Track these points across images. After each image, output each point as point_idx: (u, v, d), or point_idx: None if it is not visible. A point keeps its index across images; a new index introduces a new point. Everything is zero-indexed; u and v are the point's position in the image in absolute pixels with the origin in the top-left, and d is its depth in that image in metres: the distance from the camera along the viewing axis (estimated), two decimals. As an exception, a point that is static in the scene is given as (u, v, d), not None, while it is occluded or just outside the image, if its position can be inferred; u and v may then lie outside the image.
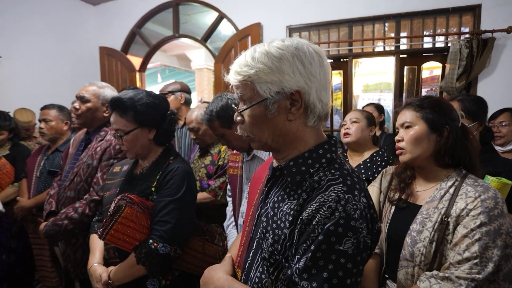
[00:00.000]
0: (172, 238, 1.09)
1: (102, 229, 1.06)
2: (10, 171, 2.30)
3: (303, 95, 0.63)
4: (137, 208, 1.08)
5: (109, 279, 1.13)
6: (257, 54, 0.64)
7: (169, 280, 1.17)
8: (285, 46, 0.64)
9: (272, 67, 0.62)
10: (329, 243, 0.56)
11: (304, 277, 0.57)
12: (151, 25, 3.92)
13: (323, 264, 0.56)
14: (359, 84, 5.23)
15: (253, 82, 0.64)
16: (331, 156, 0.67)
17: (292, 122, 0.66)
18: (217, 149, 1.83)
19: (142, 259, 1.06)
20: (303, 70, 0.63)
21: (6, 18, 3.17)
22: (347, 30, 2.96)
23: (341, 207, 0.57)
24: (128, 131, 1.16)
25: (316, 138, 0.69)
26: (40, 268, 2.18)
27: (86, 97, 1.60)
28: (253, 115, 0.66)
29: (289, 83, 0.62)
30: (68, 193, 1.54)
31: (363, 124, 1.71)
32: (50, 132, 2.10)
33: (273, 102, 0.64)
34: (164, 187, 1.14)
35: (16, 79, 3.25)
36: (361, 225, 0.58)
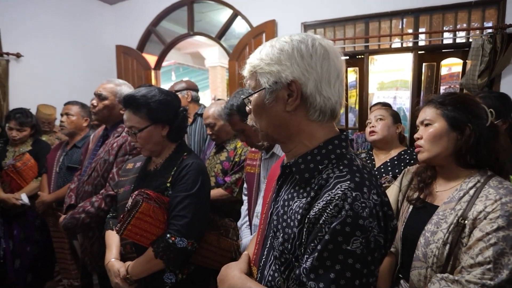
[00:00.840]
0: (189, 232, 1.10)
1: (120, 224, 1.08)
2: (34, 166, 2.38)
3: (299, 86, 0.63)
4: (154, 204, 1.09)
5: (127, 274, 1.15)
6: (265, 47, 0.67)
7: (185, 274, 1.19)
8: (291, 39, 0.66)
9: (273, 58, 0.65)
10: (336, 242, 0.55)
11: (311, 277, 0.56)
12: (166, 23, 3.96)
13: (330, 264, 0.55)
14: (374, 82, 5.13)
15: (257, 73, 0.67)
16: (340, 152, 0.66)
17: (291, 113, 0.66)
18: (233, 146, 1.83)
19: (160, 253, 1.08)
20: (301, 61, 0.64)
21: (28, 19, 3.27)
22: (363, 27, 2.91)
23: (348, 205, 0.56)
24: (142, 128, 1.18)
25: (326, 133, 0.68)
26: (60, 260, 2.26)
27: (103, 94, 1.63)
28: (254, 103, 0.69)
29: (286, 73, 0.64)
30: (86, 187, 1.59)
31: (389, 121, 1.66)
32: (70, 126, 2.16)
33: (271, 92, 0.65)
34: (180, 182, 1.16)
35: (38, 77, 3.35)
36: (371, 223, 0.56)
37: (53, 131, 3.00)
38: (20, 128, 2.38)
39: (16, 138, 2.39)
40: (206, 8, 3.73)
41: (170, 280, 1.17)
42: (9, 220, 2.42)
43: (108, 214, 1.40)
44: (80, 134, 2.22)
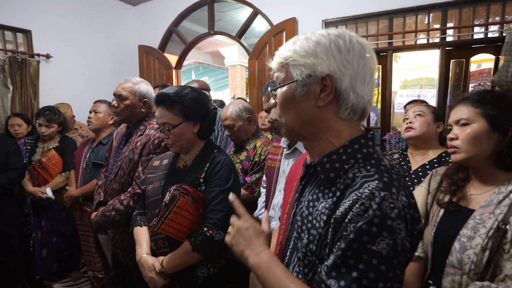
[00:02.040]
0: (225, 225, 1.10)
1: (157, 219, 1.10)
2: (59, 162, 2.48)
3: (334, 80, 0.61)
4: (190, 198, 1.12)
5: (162, 268, 1.16)
6: (298, 39, 0.65)
7: (217, 268, 1.22)
8: (327, 32, 0.64)
9: (308, 50, 0.62)
10: (361, 242, 0.53)
11: (333, 275, 0.55)
12: (186, 23, 4.01)
13: (353, 263, 0.53)
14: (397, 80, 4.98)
15: (288, 65, 0.65)
16: (367, 151, 0.63)
17: (322, 109, 0.63)
18: (252, 145, 1.83)
19: (198, 247, 1.11)
20: (338, 56, 0.61)
21: (57, 21, 3.41)
22: (386, 23, 2.82)
23: (375, 205, 0.53)
24: (175, 124, 1.20)
25: (352, 132, 0.66)
26: (86, 252, 2.35)
27: (123, 95, 1.64)
28: (282, 96, 0.67)
29: (321, 67, 0.61)
30: (113, 185, 1.63)
31: (430, 118, 1.50)
32: (97, 123, 2.24)
33: (303, 85, 0.63)
34: (214, 178, 1.18)
35: (65, 77, 3.50)
36: (399, 225, 0.54)
37: (74, 128, 3.10)
38: (48, 125, 2.49)
39: (44, 134, 2.50)
40: (226, 7, 3.75)
41: (202, 274, 1.19)
42: (38, 212, 2.55)
43: (135, 211, 1.42)
44: (106, 131, 2.29)
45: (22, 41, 3.20)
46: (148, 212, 1.29)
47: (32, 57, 3.18)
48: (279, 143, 1.54)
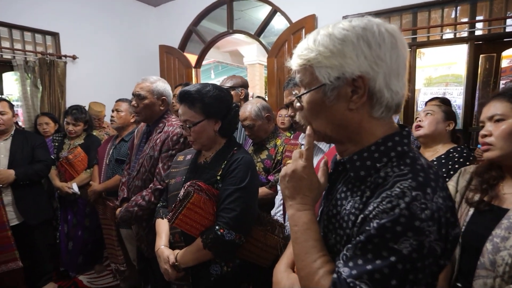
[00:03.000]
0: (237, 225, 1.11)
1: (171, 213, 1.11)
2: (84, 159, 2.58)
3: (367, 81, 0.56)
4: (204, 195, 1.11)
5: (176, 261, 1.18)
6: (319, 36, 0.59)
7: (230, 267, 1.20)
8: (351, 26, 0.57)
9: (333, 50, 0.56)
10: (383, 238, 0.50)
11: (349, 265, 0.53)
12: (206, 22, 4.06)
13: (371, 257, 0.51)
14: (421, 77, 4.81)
15: (312, 67, 0.59)
16: (402, 150, 0.59)
17: (353, 111, 0.59)
18: (272, 143, 1.82)
19: (209, 244, 1.10)
20: (369, 53, 0.55)
21: (83, 24, 3.55)
22: (410, 18, 2.73)
23: (404, 204, 0.50)
24: (196, 122, 1.20)
25: (385, 129, 0.61)
26: (108, 246, 2.42)
27: (142, 94, 1.66)
28: (310, 101, 0.61)
29: (351, 68, 0.56)
30: (136, 182, 1.67)
31: (439, 117, 1.53)
32: (119, 121, 2.30)
33: (332, 89, 0.58)
34: (230, 176, 1.16)
35: (90, 77, 3.63)
36: (430, 227, 0.50)
37: (102, 127, 3.22)
38: (75, 123, 2.60)
39: (71, 132, 2.61)
40: (245, 6, 3.76)
41: (216, 272, 1.18)
42: (65, 206, 2.66)
43: (159, 204, 1.45)
44: (128, 129, 2.35)
45: (50, 43, 3.35)
46: (169, 206, 1.31)
47: (59, 58, 3.32)
48: (296, 140, 1.52)
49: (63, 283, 2.64)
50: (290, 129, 2.57)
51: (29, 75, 3.09)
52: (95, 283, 2.66)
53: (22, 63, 3.02)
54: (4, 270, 2.21)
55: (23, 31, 3.11)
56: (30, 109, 3.11)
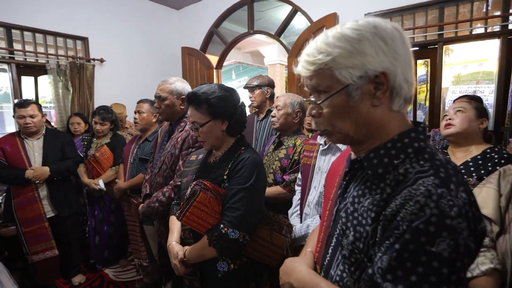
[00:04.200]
0: (241, 224, 1.13)
1: (179, 211, 1.15)
2: (110, 157, 2.70)
3: (388, 76, 0.57)
4: (210, 194, 1.14)
5: (185, 257, 1.23)
6: (330, 38, 0.59)
7: (237, 265, 1.22)
8: (361, 25, 0.58)
9: (352, 50, 0.57)
10: (418, 243, 0.49)
11: (388, 278, 0.51)
12: (227, 24, 4.11)
13: (411, 266, 0.49)
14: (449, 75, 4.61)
15: (332, 69, 0.59)
16: (419, 146, 0.59)
17: (377, 108, 0.60)
18: (291, 142, 1.81)
19: (214, 242, 1.12)
20: (386, 48, 0.57)
21: (110, 28, 3.71)
22: (436, 13, 2.62)
23: (432, 203, 0.49)
24: (203, 123, 1.23)
25: (400, 125, 0.62)
26: (133, 242, 2.51)
27: (162, 96, 1.74)
28: (334, 105, 0.61)
29: (373, 65, 0.57)
30: (158, 179, 1.73)
31: (471, 114, 1.42)
32: (142, 122, 2.38)
33: (356, 88, 0.58)
34: (235, 175, 1.18)
35: (116, 78, 3.78)
36: (460, 224, 0.49)
37: (125, 127, 3.35)
38: (102, 123, 2.72)
39: (99, 131, 2.74)
40: (265, 6, 3.77)
41: (223, 269, 1.21)
42: (92, 202, 2.80)
43: (174, 201, 1.50)
44: (151, 129, 2.43)
45: (80, 48, 3.53)
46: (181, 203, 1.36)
47: (88, 61, 3.48)
48: (315, 140, 1.51)
49: (91, 275, 2.77)
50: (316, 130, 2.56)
51: (61, 78, 3.27)
52: (120, 276, 2.77)
53: (55, 67, 3.20)
54: (42, 258, 2.39)
55: (56, 36, 3.29)
56: (62, 110, 3.29)
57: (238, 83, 8.13)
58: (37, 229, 2.36)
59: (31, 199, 2.35)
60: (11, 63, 3.01)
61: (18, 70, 3.08)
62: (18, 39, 3.05)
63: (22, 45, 3.07)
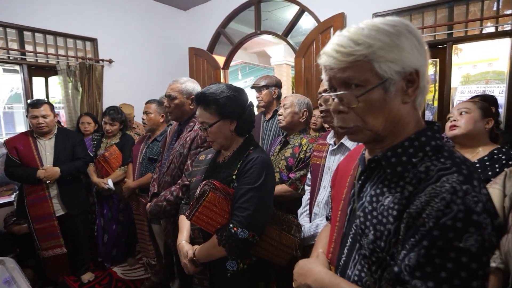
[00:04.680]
0: (250, 224, 1.13)
1: (189, 211, 1.16)
2: (119, 157, 2.73)
3: (420, 74, 0.59)
4: (220, 194, 1.14)
5: (194, 256, 1.23)
6: (367, 31, 0.58)
7: (247, 264, 1.23)
8: (396, 21, 0.59)
9: (392, 44, 0.57)
10: (446, 239, 0.49)
11: (417, 275, 0.51)
12: (234, 24, 4.12)
13: (440, 262, 0.49)
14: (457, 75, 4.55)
15: (371, 62, 0.57)
16: (436, 144, 0.60)
17: (405, 105, 0.61)
18: (297, 141, 1.82)
19: (223, 241, 1.13)
20: (419, 46, 0.58)
21: (118, 29, 3.75)
22: (446, 12, 2.59)
23: (459, 200, 0.50)
24: (212, 123, 1.24)
25: (416, 123, 0.63)
26: (141, 240, 2.54)
27: (172, 95, 1.76)
28: (370, 99, 0.59)
29: (410, 61, 0.58)
30: (166, 178, 1.74)
31: (476, 114, 1.41)
32: (150, 123, 2.41)
33: (393, 83, 0.58)
34: (244, 175, 1.18)
35: (124, 79, 3.82)
36: (485, 220, 0.50)
37: (133, 127, 3.38)
38: (112, 123, 2.76)
39: (109, 131, 2.78)
40: (272, 6, 3.77)
41: (232, 268, 1.21)
42: (101, 201, 2.83)
43: (183, 201, 1.51)
44: (159, 129, 2.45)
45: (89, 49, 3.57)
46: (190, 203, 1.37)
47: (97, 62, 3.53)
48: (324, 140, 1.51)
49: (99, 273, 2.81)
50: (321, 130, 2.56)
51: (71, 79, 3.32)
52: (128, 275, 2.81)
53: (65, 68, 3.25)
54: (51, 255, 2.45)
55: (66, 38, 3.34)
56: (72, 110, 3.33)
57: (244, 84, 8.14)
58: (47, 226, 2.41)
59: (41, 198, 2.40)
60: (23, 64, 3.06)
61: (30, 71, 3.13)
62: (29, 41, 3.10)
63: (33, 46, 3.12)
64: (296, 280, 0.76)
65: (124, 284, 2.64)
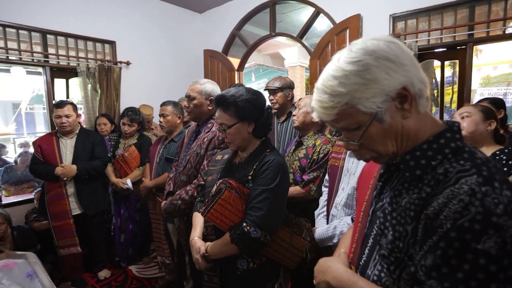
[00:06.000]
0: (263, 224, 1.15)
1: (204, 207, 1.19)
2: (137, 157, 2.78)
3: (408, 88, 0.59)
4: (235, 193, 1.17)
5: (206, 252, 1.26)
6: (337, 79, 0.60)
7: (256, 264, 1.25)
8: (359, 55, 0.59)
9: (364, 82, 0.58)
10: (463, 240, 0.49)
11: (433, 276, 0.51)
12: (248, 26, 4.15)
13: (456, 263, 0.49)
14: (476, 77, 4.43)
15: (354, 106, 0.60)
16: (456, 145, 0.59)
17: (408, 118, 0.61)
18: (311, 142, 1.81)
19: (236, 239, 1.15)
20: (394, 66, 0.58)
21: (135, 32, 3.83)
22: (467, 12, 2.53)
23: (477, 202, 0.49)
24: (231, 125, 1.27)
25: (431, 125, 0.63)
26: (156, 239, 2.58)
27: (191, 95, 1.80)
28: (370, 136, 0.62)
29: (391, 86, 0.58)
30: (182, 177, 1.77)
31: (478, 117, 1.47)
32: (167, 125, 2.44)
33: (384, 112, 0.60)
34: (260, 176, 1.21)
35: (141, 81, 3.90)
36: (507, 222, 0.49)
37: (151, 128, 3.44)
38: (130, 124, 2.82)
39: (127, 132, 2.83)
40: (287, 8, 3.78)
41: (242, 267, 1.24)
42: (118, 201, 2.89)
43: (197, 199, 1.55)
44: (176, 130, 2.48)
45: (108, 51, 3.66)
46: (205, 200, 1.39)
47: (115, 64, 3.61)
48: None
49: (115, 271, 2.87)
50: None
51: (90, 80, 3.42)
52: (143, 273, 2.85)
53: (85, 70, 3.35)
54: (66, 254, 2.51)
55: (86, 41, 3.44)
56: (90, 111, 3.42)
57: (258, 85, 8.17)
58: (64, 224, 2.49)
59: (59, 195, 2.48)
60: (46, 66, 3.17)
61: (52, 72, 3.24)
62: (52, 44, 3.21)
63: (55, 49, 3.23)
64: (316, 276, 0.77)
65: (139, 282, 2.69)
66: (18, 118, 7.38)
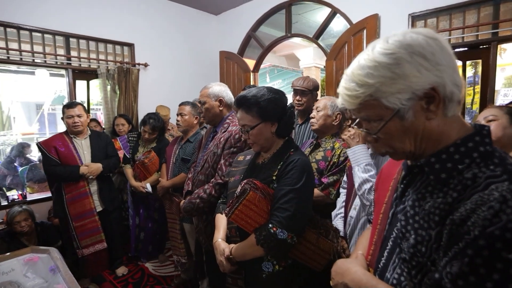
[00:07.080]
0: (290, 225, 1.12)
1: (228, 208, 1.18)
2: (156, 161, 2.82)
3: (438, 89, 0.56)
4: (260, 194, 1.15)
5: (231, 254, 1.24)
6: (367, 69, 0.59)
7: (282, 267, 1.21)
8: (394, 47, 0.57)
9: (393, 76, 0.56)
10: (494, 249, 0.47)
11: (459, 284, 0.50)
12: (264, 28, 4.15)
13: (485, 272, 0.47)
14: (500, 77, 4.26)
15: (378, 99, 0.59)
16: (485, 150, 0.57)
17: (432, 120, 0.59)
18: (329, 145, 1.79)
19: (262, 241, 1.13)
20: (428, 64, 0.56)
21: (153, 34, 3.92)
22: (490, 10, 2.45)
23: (509, 209, 0.47)
24: (254, 126, 1.25)
25: (459, 128, 0.60)
26: (172, 239, 2.62)
27: (202, 100, 1.85)
28: (389, 131, 0.61)
29: (419, 84, 0.56)
30: (200, 176, 1.80)
31: (504, 121, 1.37)
32: (184, 124, 2.47)
33: (408, 110, 0.58)
34: (285, 176, 1.18)
35: (159, 82, 3.98)
36: None
37: (167, 129, 3.49)
38: (152, 132, 2.85)
39: (147, 139, 2.87)
40: (303, 9, 3.76)
41: (267, 269, 1.20)
42: (137, 201, 2.95)
43: (219, 200, 1.54)
44: (192, 131, 2.51)
45: (127, 53, 3.76)
46: (228, 202, 1.38)
47: (134, 66, 3.70)
48: None
49: (131, 267, 2.93)
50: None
51: (109, 82, 3.51)
52: (159, 271, 2.90)
53: (105, 71, 3.44)
54: (92, 252, 2.55)
55: (106, 43, 3.55)
56: (109, 111, 3.52)
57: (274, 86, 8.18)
58: (88, 223, 2.52)
59: (82, 194, 2.51)
60: (68, 68, 3.29)
61: (74, 74, 3.35)
62: (74, 47, 3.32)
63: (77, 52, 3.34)
64: (333, 278, 0.76)
65: (155, 280, 2.73)
66: (41, 118, 7.68)
